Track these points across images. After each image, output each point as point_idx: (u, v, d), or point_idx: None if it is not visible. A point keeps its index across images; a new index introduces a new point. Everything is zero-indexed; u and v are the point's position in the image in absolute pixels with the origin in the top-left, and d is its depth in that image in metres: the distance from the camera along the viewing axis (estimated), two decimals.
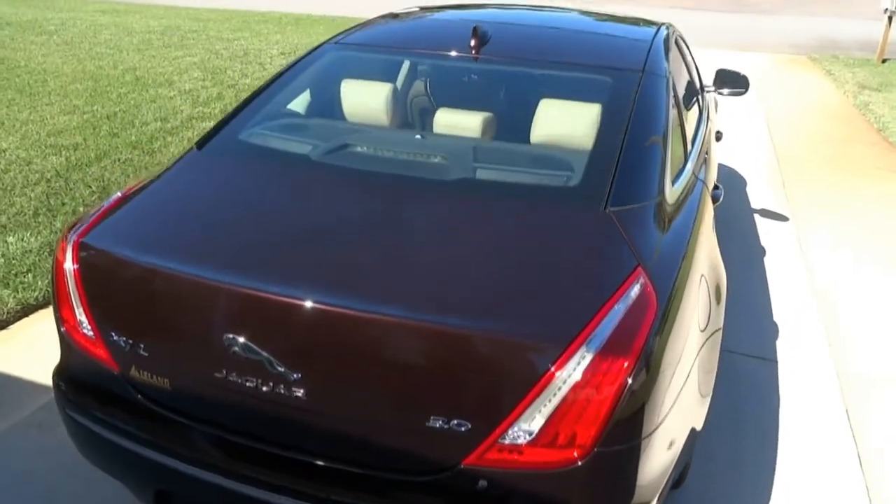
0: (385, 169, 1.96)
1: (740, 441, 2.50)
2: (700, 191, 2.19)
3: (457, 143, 2.14)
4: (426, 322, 1.40)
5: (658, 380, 1.45)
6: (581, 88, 2.29)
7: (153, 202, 1.84)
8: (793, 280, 3.72)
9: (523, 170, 1.98)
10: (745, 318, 3.28)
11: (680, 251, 1.74)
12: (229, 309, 1.50)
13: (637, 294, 1.48)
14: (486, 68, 2.36)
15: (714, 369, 2.01)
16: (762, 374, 2.91)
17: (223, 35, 10.31)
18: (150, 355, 1.59)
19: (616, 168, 1.83)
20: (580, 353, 1.36)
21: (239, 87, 7.14)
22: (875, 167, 5.71)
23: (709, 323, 1.88)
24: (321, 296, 1.44)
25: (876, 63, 10.22)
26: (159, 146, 5.31)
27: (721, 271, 2.13)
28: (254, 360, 1.46)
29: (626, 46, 2.46)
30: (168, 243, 1.65)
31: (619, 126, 2.00)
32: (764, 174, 5.43)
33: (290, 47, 9.56)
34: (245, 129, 2.15)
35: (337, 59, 2.52)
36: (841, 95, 8.31)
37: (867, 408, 2.72)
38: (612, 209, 1.71)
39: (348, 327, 1.43)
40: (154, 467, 1.61)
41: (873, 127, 6.94)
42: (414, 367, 1.43)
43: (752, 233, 4.32)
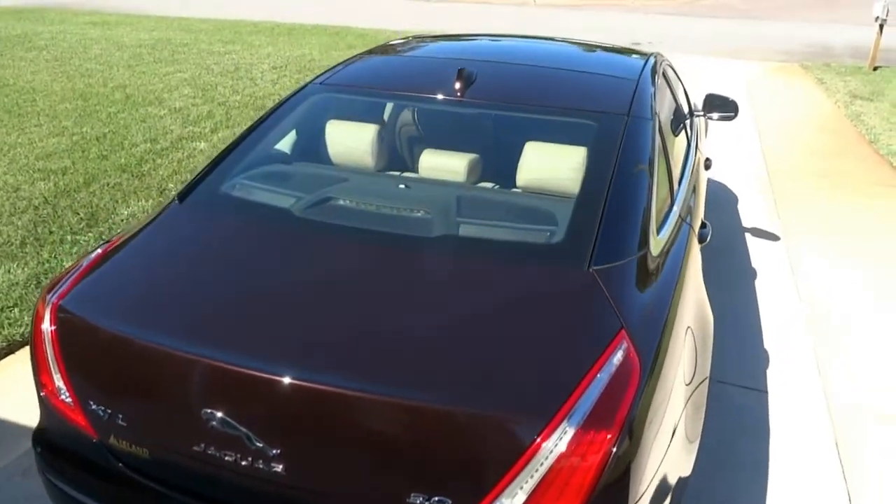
0: (368, 224, 1.93)
1: (730, 478, 2.49)
2: (686, 235, 2.18)
3: (440, 194, 2.12)
4: (407, 399, 1.38)
5: (642, 446, 1.44)
6: (566, 132, 2.27)
7: (132, 263, 1.82)
8: (783, 305, 3.71)
9: (506, 224, 1.96)
10: (736, 347, 3.27)
11: (665, 307, 1.73)
12: (207, 383, 1.48)
13: (620, 361, 1.47)
14: (472, 111, 2.34)
15: (702, 415, 2.00)
16: (752, 406, 2.89)
17: (214, 48, 10.28)
18: (128, 425, 1.57)
19: (600, 223, 1.82)
20: (562, 428, 1.34)
21: (229, 105, 7.12)
22: (867, 182, 5.71)
23: (695, 375, 1.87)
24: (300, 373, 1.42)
25: (867, 71, 10.24)
26: (149, 169, 5.29)
27: (708, 317, 2.11)
28: (232, 435, 1.44)
29: (611, 86, 2.45)
30: (146, 312, 1.63)
31: (604, 176, 1.99)
32: (755, 189, 5.43)
33: (282, 60, 9.54)
34: (227, 180, 2.13)
35: (321, 101, 2.51)
36: (832, 105, 8.32)
37: (857, 442, 2.71)
38: (595, 268, 1.70)
39: (328, 404, 1.41)
40: None
41: (864, 139, 6.94)
42: (395, 443, 1.41)
43: (744, 252, 4.31)
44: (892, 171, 6.00)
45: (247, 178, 2.17)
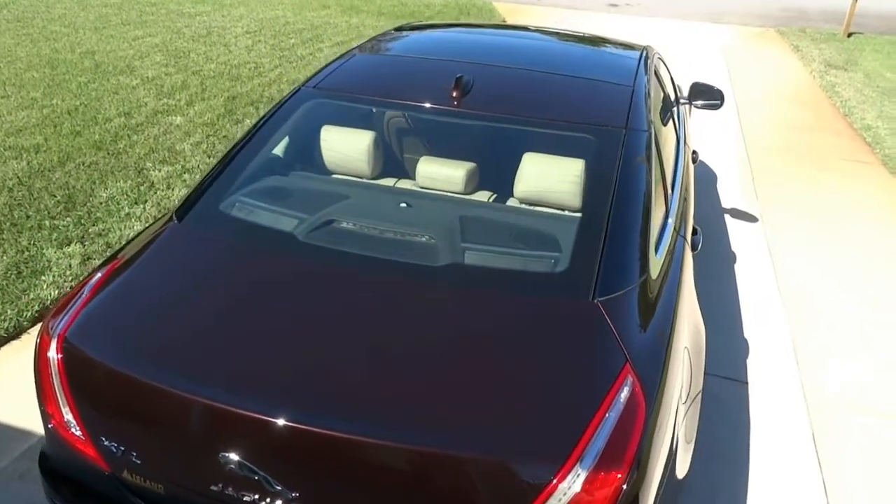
0: (372, 251, 1.93)
1: (714, 470, 2.60)
2: (682, 250, 2.23)
3: (442, 213, 2.12)
4: (424, 446, 1.42)
5: (648, 474, 1.50)
6: (564, 144, 2.28)
7: (135, 291, 1.80)
8: (762, 291, 3.81)
9: (510, 251, 1.98)
10: (716, 337, 3.36)
11: (665, 334, 1.78)
12: (222, 427, 1.50)
13: (627, 397, 1.52)
14: (469, 121, 2.33)
15: (696, 423, 2.07)
16: (734, 397, 3.00)
17: (184, 9, 9.94)
18: (143, 463, 1.59)
19: (602, 251, 1.85)
20: (575, 471, 1.40)
21: (204, 74, 6.93)
22: (842, 158, 5.82)
23: (691, 391, 1.94)
24: (315, 419, 1.44)
25: (842, 38, 10.31)
26: (124, 146, 5.17)
27: (701, 330, 2.18)
28: (251, 478, 1.47)
29: (608, 95, 2.45)
30: (156, 351, 1.63)
31: (604, 196, 2.01)
32: (734, 167, 5.50)
33: (256, 23, 9.27)
34: (225, 197, 2.10)
35: (315, 106, 2.47)
36: (808, 75, 8.39)
37: (833, 433, 2.84)
38: (599, 300, 1.74)
39: (345, 449, 1.44)
40: None
41: (839, 112, 7.04)
42: (412, 488, 1.45)
43: (724, 235, 4.40)
44: (866, 146, 6.12)
45: (245, 194, 2.14)
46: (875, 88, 7.84)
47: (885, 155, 5.89)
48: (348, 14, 10.35)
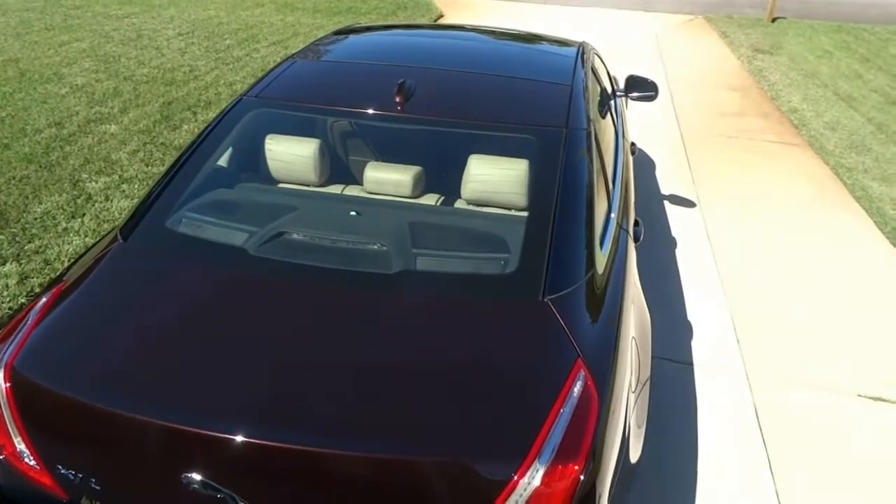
0: (324, 262, 1.94)
1: (662, 451, 2.70)
2: (625, 242, 2.31)
3: (393, 220, 2.14)
4: (380, 454, 1.45)
5: (603, 463, 1.57)
6: (508, 145, 2.33)
7: (83, 315, 1.77)
8: (703, 274, 3.96)
9: (460, 254, 2.02)
10: (662, 321, 3.49)
11: (613, 326, 1.85)
12: (183, 449, 1.49)
13: (580, 392, 1.58)
14: (413, 126, 2.36)
15: (645, 409, 2.16)
16: (679, 379, 3.13)
17: (111, 11, 9.63)
18: (102, 489, 1.57)
19: (549, 251, 1.90)
20: (534, 466, 1.45)
21: (136, 79, 6.74)
22: (769, 141, 6.07)
23: (640, 379, 2.02)
24: (271, 433, 1.46)
25: (766, 23, 10.70)
26: (57, 158, 5.00)
27: (647, 320, 2.26)
28: (214, 497, 1.47)
29: (548, 96, 2.50)
30: (107, 376, 1.61)
31: (549, 195, 2.07)
32: (670, 154, 5.67)
33: (188, 25, 9.05)
34: (171, 214, 2.08)
35: (258, 116, 2.45)
36: (736, 61, 8.69)
37: (774, 406, 2.99)
38: (549, 298, 1.79)
39: (307, 463, 1.46)
40: None
41: (767, 95, 7.33)
42: (376, 496, 1.48)
43: (665, 223, 4.54)
44: (793, 129, 6.39)
45: (192, 209, 2.12)
46: (799, 72, 8.18)
47: (810, 136, 6.17)
48: (283, 12, 10.20)
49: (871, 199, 4.98)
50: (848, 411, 2.98)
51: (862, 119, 6.65)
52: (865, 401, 3.05)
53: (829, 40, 9.74)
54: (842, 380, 3.16)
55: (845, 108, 6.93)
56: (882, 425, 2.91)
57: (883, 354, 3.34)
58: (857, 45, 9.51)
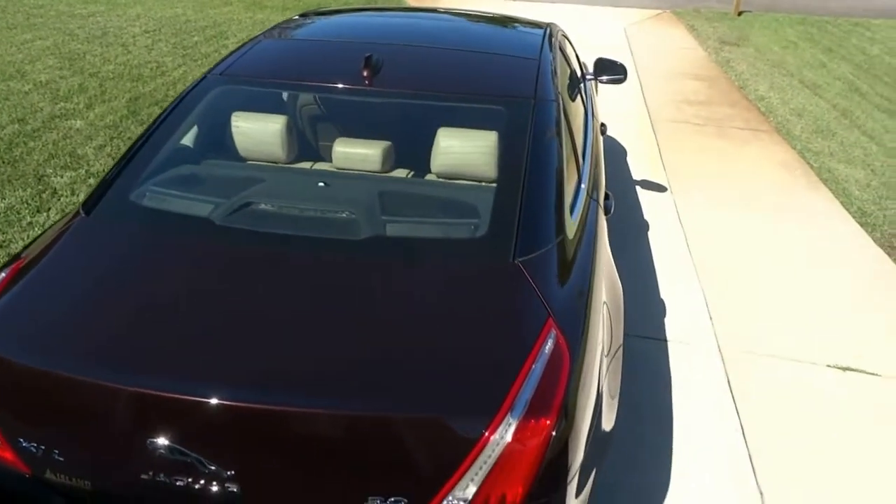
0: (292, 229, 1.92)
1: (637, 426, 2.72)
2: (595, 212, 2.31)
3: (362, 190, 2.12)
4: (351, 411, 1.43)
5: (575, 423, 1.57)
6: (477, 117, 2.32)
7: (44, 288, 1.73)
8: (676, 254, 4.00)
9: (430, 220, 2.01)
10: (636, 300, 3.51)
11: (584, 289, 1.85)
12: (149, 413, 1.46)
13: (551, 350, 1.58)
14: (381, 100, 2.34)
15: (619, 376, 2.17)
16: (654, 355, 3.15)
17: (76, 10, 9.46)
18: (66, 460, 1.53)
19: (519, 215, 1.90)
20: (506, 421, 1.44)
21: (102, 76, 6.63)
22: (738, 127, 6.15)
23: (612, 344, 2.02)
24: (241, 394, 1.43)
25: (733, 16, 10.86)
26: (21, 153, 4.89)
27: (618, 287, 2.27)
28: (182, 462, 1.44)
29: (515, 68, 2.51)
30: (69, 344, 1.57)
31: (518, 163, 2.06)
32: (641, 140, 5.72)
33: (155, 23, 8.93)
34: (135, 188, 2.04)
35: (223, 93, 2.42)
36: (704, 52, 8.80)
37: (746, 379, 3.02)
38: (519, 260, 1.79)
39: (274, 422, 1.43)
40: None
41: (735, 85, 7.43)
42: (346, 452, 1.46)
43: (637, 207, 4.58)
44: (760, 116, 6.48)
45: (156, 183, 2.08)
46: (766, 62, 8.31)
47: (777, 122, 6.26)
48: (252, 10, 10.11)
49: (838, 181, 5.07)
50: (819, 381, 3.02)
51: (827, 105, 6.76)
52: (836, 371, 3.09)
53: (794, 32, 9.92)
54: (813, 352, 3.20)
55: (811, 96, 7.05)
56: (852, 392, 2.96)
57: (852, 328, 3.39)
58: (821, 37, 9.69)
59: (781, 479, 2.51)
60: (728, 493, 2.45)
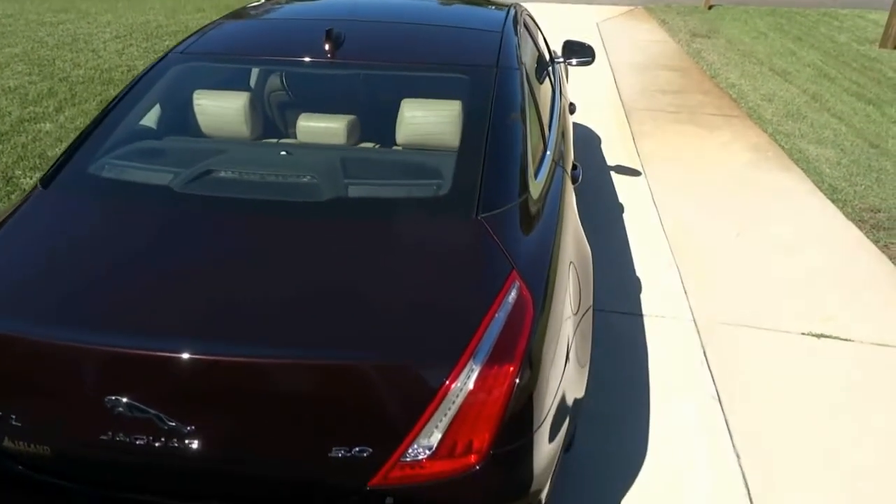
0: (253, 194, 1.90)
1: (615, 397, 2.72)
2: (561, 177, 2.31)
3: (324, 157, 2.11)
4: (313, 359, 1.41)
5: (540, 374, 1.56)
6: (440, 86, 2.32)
7: (2, 255, 1.70)
8: (651, 235, 4.02)
9: (393, 182, 2.00)
10: (612, 278, 3.52)
11: (549, 246, 1.85)
12: (105, 370, 1.43)
13: (514, 299, 1.57)
14: (344, 72, 2.33)
15: (589, 340, 2.16)
16: (631, 329, 3.15)
17: (45, 18, 9.38)
18: (24, 425, 1.49)
19: (482, 174, 1.90)
20: (469, 367, 1.43)
21: (72, 80, 6.57)
22: (710, 114, 6.20)
23: (580, 305, 2.02)
24: (201, 346, 1.41)
25: (703, 10, 10.99)
26: None
27: (587, 252, 2.27)
28: (141, 419, 1.42)
29: (478, 40, 2.52)
30: (24, 305, 1.54)
31: (481, 128, 2.06)
32: (614, 128, 5.75)
33: (125, 28, 8.87)
34: (94, 161, 2.01)
35: (185, 70, 2.40)
36: (676, 45, 8.89)
37: (720, 347, 3.03)
38: (482, 216, 1.78)
39: (235, 374, 1.41)
40: None
41: (706, 74, 7.50)
42: (309, 403, 1.44)
43: (611, 190, 4.60)
44: (732, 102, 6.55)
45: (115, 157, 2.05)
46: (736, 52, 8.41)
47: (749, 108, 6.33)
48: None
49: (809, 161, 5.12)
50: (795, 348, 3.04)
51: (797, 90, 6.85)
52: (811, 338, 3.12)
53: (764, 23, 10.05)
54: (788, 321, 3.22)
55: (781, 82, 7.14)
56: (826, 357, 2.98)
57: (827, 297, 3.42)
58: (790, 27, 9.82)
59: (757, 441, 2.52)
60: (706, 459, 2.45)
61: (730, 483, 2.35)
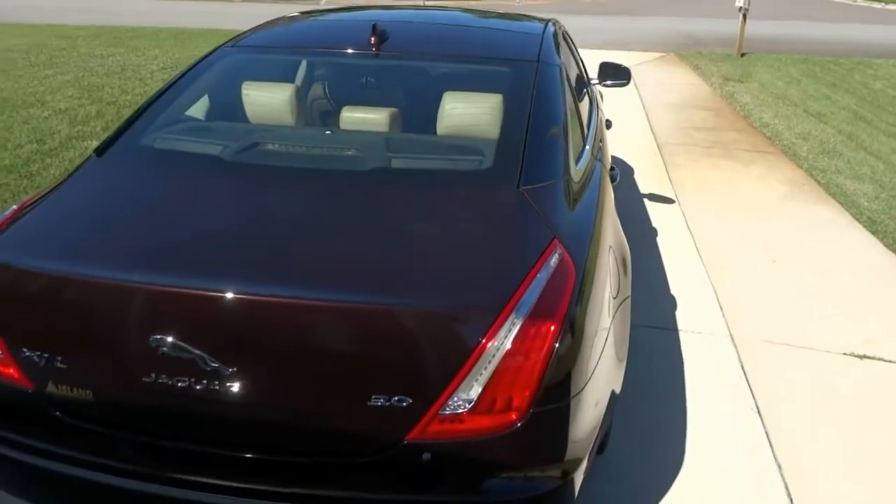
0: (300, 164, 1.95)
1: (652, 406, 2.66)
2: (600, 171, 2.33)
3: (368, 137, 2.16)
4: (358, 303, 1.42)
5: (582, 342, 1.54)
6: (482, 79, 2.37)
7: (56, 210, 1.75)
8: (686, 257, 3.98)
9: (436, 157, 2.03)
10: (647, 295, 3.48)
11: (589, 224, 1.85)
12: (154, 310, 1.45)
13: (556, 263, 1.57)
14: (388, 64, 2.40)
15: (627, 337, 2.13)
16: (665, 342, 3.10)
17: (96, 52, 9.79)
18: (69, 367, 1.51)
19: (524, 150, 1.92)
20: (510, 321, 1.42)
21: (120, 104, 6.81)
22: (743, 150, 6.20)
23: (619, 291, 2.00)
24: (249, 286, 1.42)
25: (736, 57, 11.07)
26: (38, 168, 4.99)
27: (625, 246, 2.26)
28: (185, 360, 1.43)
29: (519, 39, 2.58)
30: (79, 249, 1.58)
31: (523, 112, 2.10)
32: (648, 161, 5.77)
33: (172, 62, 9.21)
34: (147, 135, 2.08)
35: (236, 61, 2.49)
36: (708, 87, 8.95)
37: (759, 363, 2.96)
38: (524, 188, 1.80)
39: (281, 316, 1.42)
40: (82, 486, 1.53)
41: (739, 114, 7.52)
42: (351, 348, 1.44)
43: (644, 216, 4.59)
44: (766, 139, 6.54)
45: (168, 132, 2.13)
46: (770, 94, 8.43)
47: (783, 145, 6.31)
48: None
49: (846, 195, 5.06)
50: (837, 366, 2.96)
51: (832, 130, 6.82)
52: (853, 358, 3.03)
53: (797, 70, 10.08)
54: (828, 341, 3.15)
55: (816, 123, 7.12)
56: (871, 377, 2.89)
57: (868, 322, 3.34)
58: (824, 74, 9.84)
59: (799, 456, 2.44)
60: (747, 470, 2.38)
61: (773, 495, 2.27)
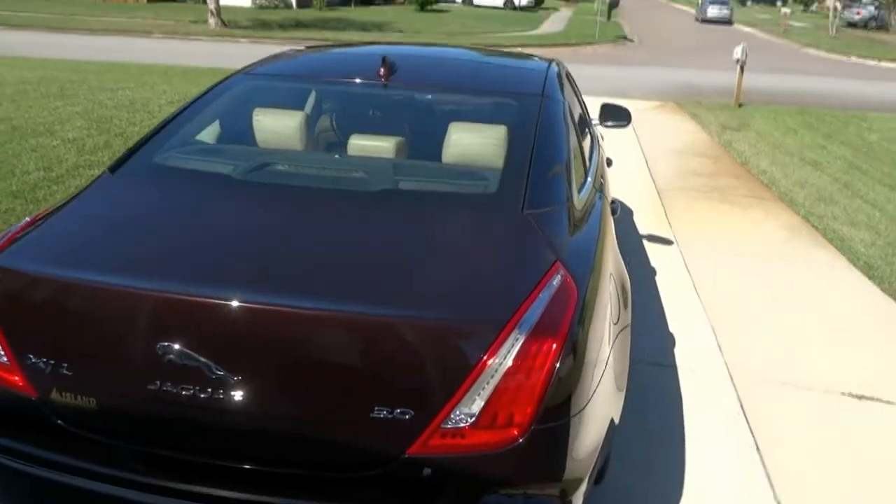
0: (310, 183, 2.00)
1: (649, 440, 2.65)
2: (601, 202, 2.37)
3: (376, 162, 2.21)
4: (362, 314, 1.44)
5: (583, 362, 1.56)
6: (487, 111, 2.44)
7: (66, 223, 1.79)
8: (684, 295, 4.01)
9: (442, 180, 2.08)
10: (644, 331, 3.49)
11: (591, 250, 1.89)
12: (162, 317, 1.47)
13: (559, 284, 1.59)
14: (396, 95, 2.47)
15: (626, 368, 2.14)
16: (663, 378, 3.10)
17: (106, 85, 9.96)
18: (73, 375, 1.52)
19: (528, 176, 1.97)
20: (513, 337, 1.45)
21: (128, 136, 6.91)
22: (741, 195, 6.28)
23: (619, 318, 2.02)
24: (257, 295, 1.45)
25: (733, 107, 11.28)
26: (44, 195, 5.04)
27: (625, 275, 2.29)
28: (190, 368, 1.44)
29: (525, 75, 2.66)
30: (88, 258, 1.61)
31: (527, 142, 2.15)
32: (647, 204, 5.84)
33: (180, 96, 9.36)
34: (159, 154, 2.13)
35: (248, 88, 2.55)
36: (706, 135, 9.10)
37: (758, 401, 2.96)
38: (528, 211, 1.84)
39: (287, 326, 1.44)
40: (85, 496, 1.52)
41: (736, 161, 7.63)
42: (356, 359, 1.46)
43: (644, 257, 4.63)
44: (763, 186, 6.63)
45: (180, 153, 2.18)
46: (767, 143, 8.57)
47: (781, 191, 6.40)
48: None
49: (843, 240, 5.12)
50: (835, 406, 2.96)
51: (828, 179, 6.92)
52: (851, 399, 3.04)
53: (794, 121, 10.26)
54: (826, 381, 3.16)
55: (812, 171, 7.23)
56: (869, 417, 2.89)
57: (865, 364, 3.35)
58: (820, 125, 10.02)
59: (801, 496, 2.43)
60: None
61: None
